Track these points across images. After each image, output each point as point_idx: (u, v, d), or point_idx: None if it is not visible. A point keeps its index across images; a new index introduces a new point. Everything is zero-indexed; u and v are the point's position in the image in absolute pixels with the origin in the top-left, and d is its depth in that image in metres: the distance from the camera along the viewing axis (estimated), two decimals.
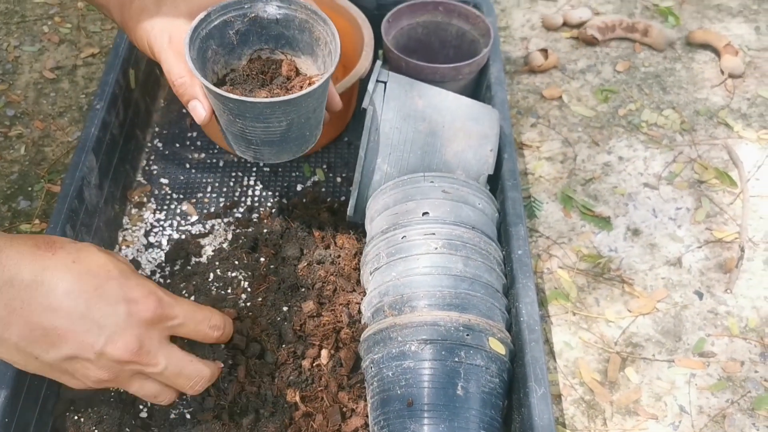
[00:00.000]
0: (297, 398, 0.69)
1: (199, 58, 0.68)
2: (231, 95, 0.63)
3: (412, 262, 0.68)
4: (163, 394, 0.62)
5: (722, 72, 1.15)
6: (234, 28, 0.70)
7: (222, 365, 0.67)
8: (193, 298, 0.78)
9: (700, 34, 1.19)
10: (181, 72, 0.67)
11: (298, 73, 0.73)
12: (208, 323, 0.64)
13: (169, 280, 0.83)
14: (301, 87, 0.69)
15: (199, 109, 0.68)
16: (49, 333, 0.54)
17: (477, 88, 0.99)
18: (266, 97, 0.67)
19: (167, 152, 0.99)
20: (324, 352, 0.72)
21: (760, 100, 1.11)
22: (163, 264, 0.85)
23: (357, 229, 0.85)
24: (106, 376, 0.57)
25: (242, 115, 0.65)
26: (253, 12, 0.70)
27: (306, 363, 0.71)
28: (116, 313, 0.56)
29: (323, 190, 0.94)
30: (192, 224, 0.90)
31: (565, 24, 1.24)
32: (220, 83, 0.72)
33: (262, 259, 0.81)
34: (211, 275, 0.80)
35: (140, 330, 0.57)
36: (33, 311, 0.53)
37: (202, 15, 0.67)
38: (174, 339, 0.63)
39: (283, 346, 0.73)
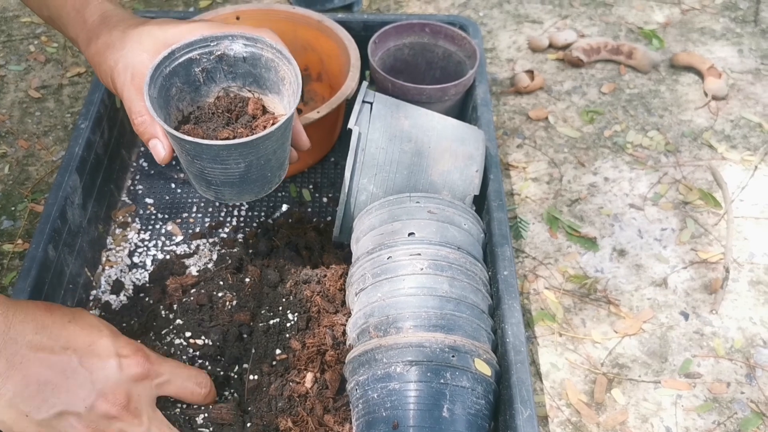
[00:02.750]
0: (289, 423, 0.68)
1: (161, 97, 0.67)
2: (186, 137, 0.62)
3: (397, 283, 0.68)
4: None
5: (706, 94, 1.16)
6: (200, 65, 0.69)
7: None
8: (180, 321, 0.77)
9: (684, 56, 1.21)
10: (142, 110, 0.67)
11: (265, 111, 0.72)
12: (195, 380, 0.66)
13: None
14: (264, 127, 0.68)
15: (159, 149, 0.68)
16: (44, 388, 0.56)
17: (463, 109, 0.99)
18: (228, 137, 0.66)
19: (152, 172, 0.98)
20: (309, 375, 0.71)
21: (743, 122, 1.12)
22: (147, 284, 0.84)
23: (343, 249, 0.85)
24: None
25: (199, 156, 0.64)
26: (219, 50, 0.69)
27: (291, 386, 0.71)
28: (107, 367, 0.59)
29: (309, 210, 0.94)
30: (177, 244, 0.89)
31: (551, 46, 1.26)
32: (184, 121, 0.71)
33: (248, 280, 0.80)
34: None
35: (129, 385, 0.60)
36: (31, 366, 0.56)
37: (165, 53, 0.66)
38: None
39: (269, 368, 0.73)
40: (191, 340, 0.74)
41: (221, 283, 0.80)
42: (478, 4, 1.35)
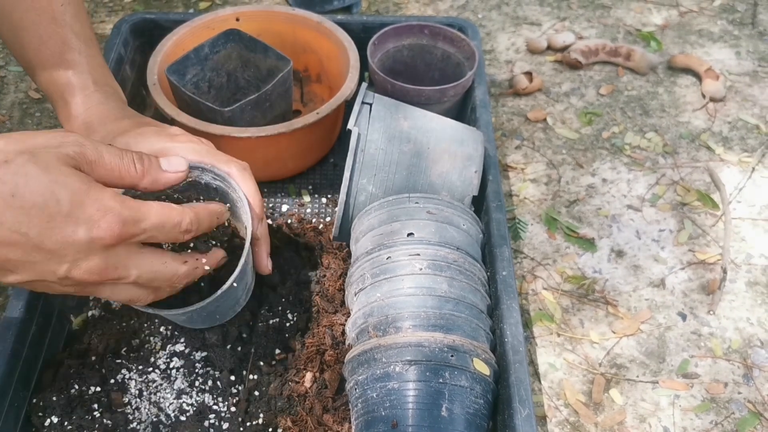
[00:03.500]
0: (289, 423, 0.69)
1: None
2: None
3: (396, 283, 0.68)
4: (139, 295, 0.59)
5: (704, 96, 1.16)
6: (171, 187, 0.68)
7: (222, 254, 0.65)
8: None
9: (682, 58, 1.21)
10: None
11: (234, 236, 0.71)
12: (179, 230, 0.57)
13: None
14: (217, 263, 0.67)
15: None
16: (4, 264, 0.50)
17: (462, 110, 0.99)
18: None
19: None
20: (308, 375, 0.71)
21: (740, 124, 1.13)
22: None
23: (343, 249, 0.85)
24: (72, 290, 0.55)
25: None
26: (191, 177, 0.68)
27: (291, 386, 0.71)
28: (76, 241, 0.50)
29: (308, 210, 0.95)
30: None
31: (549, 48, 1.26)
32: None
33: None
34: None
35: (103, 252, 0.52)
36: None
37: None
38: None
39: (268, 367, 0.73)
40: (190, 341, 0.74)
41: None
42: (477, 5, 1.36)
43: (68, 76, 0.71)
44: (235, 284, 0.64)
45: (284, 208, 0.94)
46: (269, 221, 0.92)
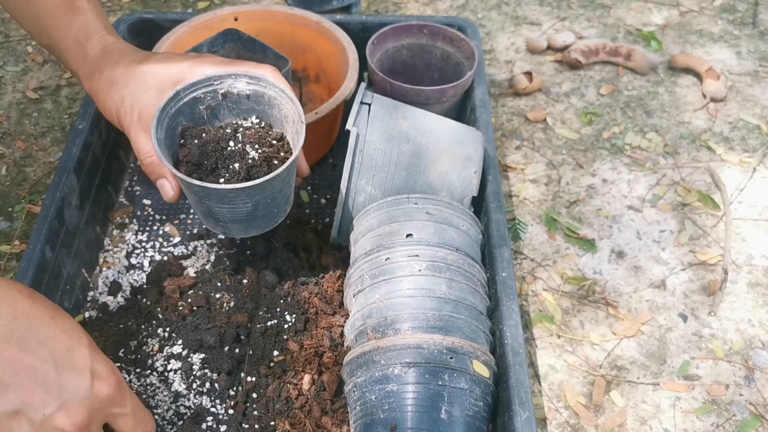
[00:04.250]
0: (287, 426, 0.68)
1: (168, 136, 0.68)
2: (194, 181, 0.63)
3: (395, 284, 0.68)
4: None
5: (704, 96, 1.16)
6: (204, 103, 0.70)
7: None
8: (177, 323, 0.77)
9: (683, 58, 1.21)
10: (150, 151, 0.67)
11: (283, 138, 0.73)
12: (145, 427, 0.60)
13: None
14: (268, 161, 0.69)
15: (167, 188, 0.69)
16: (7, 381, 0.51)
17: (461, 111, 0.99)
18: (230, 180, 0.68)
19: None
20: (306, 377, 0.71)
21: (741, 124, 1.12)
22: (145, 286, 0.84)
23: (341, 250, 0.85)
24: None
25: (207, 197, 0.66)
26: (223, 88, 0.70)
27: (289, 388, 0.71)
28: (79, 382, 0.53)
29: (307, 211, 0.94)
30: (174, 245, 0.89)
31: (549, 48, 1.25)
32: None
33: (245, 281, 0.80)
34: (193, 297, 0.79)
35: (93, 407, 0.54)
36: (1, 352, 0.51)
37: (170, 93, 0.67)
38: None
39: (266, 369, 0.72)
40: (188, 342, 0.74)
41: (219, 284, 0.80)
42: (477, 5, 1.35)
43: (80, 22, 0.72)
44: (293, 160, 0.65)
45: None
46: None
